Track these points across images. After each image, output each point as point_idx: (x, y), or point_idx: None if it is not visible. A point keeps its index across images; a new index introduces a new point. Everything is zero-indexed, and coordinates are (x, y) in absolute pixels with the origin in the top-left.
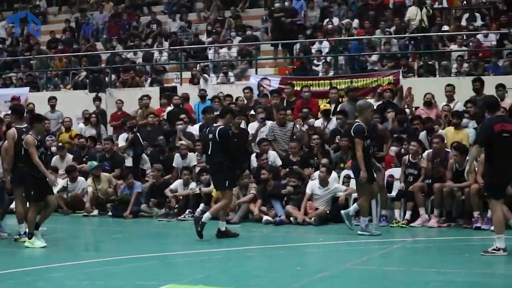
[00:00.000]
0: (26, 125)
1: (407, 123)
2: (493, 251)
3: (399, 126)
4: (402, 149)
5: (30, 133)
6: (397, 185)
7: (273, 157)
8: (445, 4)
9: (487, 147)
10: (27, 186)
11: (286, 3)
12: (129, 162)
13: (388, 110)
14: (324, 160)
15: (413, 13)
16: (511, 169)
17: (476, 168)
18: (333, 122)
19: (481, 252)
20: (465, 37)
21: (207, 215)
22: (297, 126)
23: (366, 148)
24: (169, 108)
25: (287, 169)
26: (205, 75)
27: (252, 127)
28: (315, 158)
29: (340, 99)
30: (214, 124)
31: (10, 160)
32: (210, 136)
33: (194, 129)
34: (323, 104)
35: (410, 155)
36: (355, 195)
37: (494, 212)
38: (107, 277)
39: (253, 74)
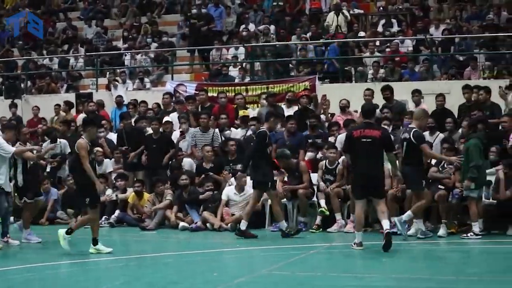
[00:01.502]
0: None
1: (322, 129)
2: (352, 244)
3: (313, 131)
4: (319, 155)
5: (82, 136)
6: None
7: (189, 164)
8: (358, 11)
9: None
10: (82, 192)
11: (203, 10)
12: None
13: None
14: (239, 166)
15: (330, 19)
16: (371, 171)
17: (391, 173)
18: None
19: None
20: (379, 43)
21: (243, 223)
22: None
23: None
24: (81, 115)
25: (202, 176)
26: (115, 82)
27: (175, 135)
28: (231, 164)
29: (256, 105)
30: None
31: None
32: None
33: (113, 136)
34: (242, 111)
35: (327, 161)
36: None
37: (355, 211)
38: (27, 284)
39: (169, 80)
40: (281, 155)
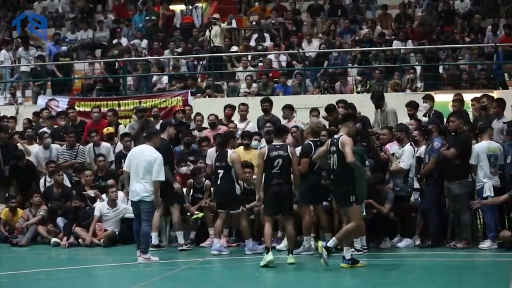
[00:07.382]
0: None
1: (195, 144)
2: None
3: (186, 148)
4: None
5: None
6: None
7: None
8: (234, 25)
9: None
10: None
11: None
12: None
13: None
14: (111, 181)
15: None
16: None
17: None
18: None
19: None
20: (250, 58)
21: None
22: None
23: None
24: None
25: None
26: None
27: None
28: (100, 180)
29: (129, 120)
30: None
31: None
32: None
33: None
34: (105, 128)
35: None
36: None
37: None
38: None
39: (41, 95)
40: None
